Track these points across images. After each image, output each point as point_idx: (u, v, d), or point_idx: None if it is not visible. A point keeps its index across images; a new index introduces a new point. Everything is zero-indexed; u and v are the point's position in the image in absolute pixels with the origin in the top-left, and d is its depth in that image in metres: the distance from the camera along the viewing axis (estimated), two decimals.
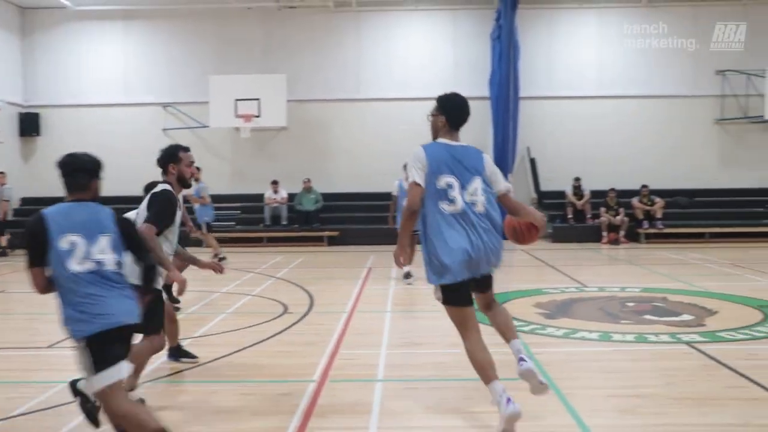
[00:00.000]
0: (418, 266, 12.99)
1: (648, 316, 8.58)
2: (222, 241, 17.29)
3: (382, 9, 21.58)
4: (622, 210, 19.50)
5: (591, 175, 20.93)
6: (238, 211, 20.84)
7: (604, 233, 19.36)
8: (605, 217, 19.45)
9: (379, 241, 18.14)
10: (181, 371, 6.33)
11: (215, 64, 21.44)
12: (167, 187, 5.58)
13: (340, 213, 20.69)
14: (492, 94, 20.61)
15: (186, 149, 5.80)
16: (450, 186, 4.70)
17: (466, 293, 4.77)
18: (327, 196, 20.77)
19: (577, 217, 20.15)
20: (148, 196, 5.52)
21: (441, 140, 4.89)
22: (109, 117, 21.80)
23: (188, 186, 5.78)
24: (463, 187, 4.73)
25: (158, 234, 5.33)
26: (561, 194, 20.69)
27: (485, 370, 4.67)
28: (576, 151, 21.42)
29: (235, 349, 7.10)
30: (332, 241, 19.84)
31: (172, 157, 5.69)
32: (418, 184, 4.69)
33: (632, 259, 15.75)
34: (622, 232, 19.28)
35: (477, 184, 4.78)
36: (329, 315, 8.91)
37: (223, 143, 21.56)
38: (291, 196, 20.62)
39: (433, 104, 5.16)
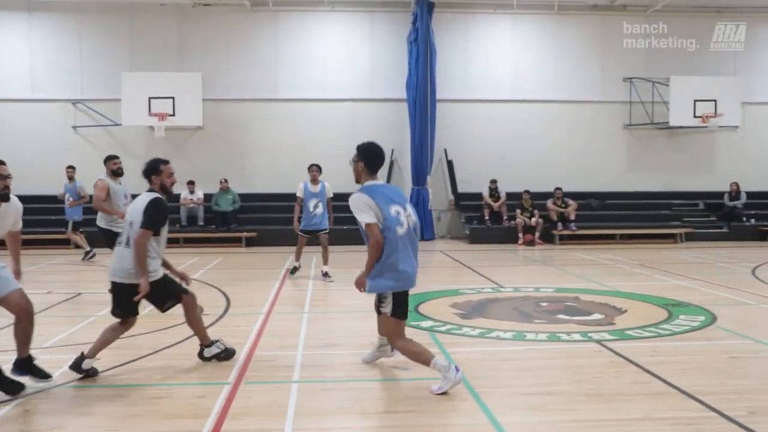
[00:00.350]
0: (333, 266, 13.09)
1: (561, 316, 8.76)
2: None
3: (300, 9, 21.47)
4: (536, 212, 19.88)
5: (507, 177, 21.31)
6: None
7: (520, 234, 19.72)
8: (521, 219, 19.81)
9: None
10: (87, 377, 6.14)
11: (128, 60, 20.96)
12: (156, 195, 6.27)
13: (257, 213, 20.50)
14: (409, 97, 20.75)
15: (166, 162, 6.42)
16: (398, 212, 5.68)
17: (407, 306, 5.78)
18: (244, 197, 20.54)
19: (493, 219, 20.46)
20: (146, 203, 6.17)
21: (368, 183, 5.76)
22: (15, 113, 21.06)
23: (170, 195, 6.44)
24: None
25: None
26: (478, 196, 20.97)
27: (424, 354, 5.63)
28: (492, 154, 21.75)
29: (148, 351, 6.97)
30: (250, 242, 19.65)
31: (153, 170, 6.34)
32: (373, 223, 5.55)
33: (547, 259, 16.06)
34: (537, 234, 19.65)
35: (409, 210, 5.84)
36: (246, 317, 8.82)
37: (136, 142, 21.08)
38: (207, 197, 20.33)
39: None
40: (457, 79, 21.63)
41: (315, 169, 12.49)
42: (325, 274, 12.41)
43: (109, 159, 10.46)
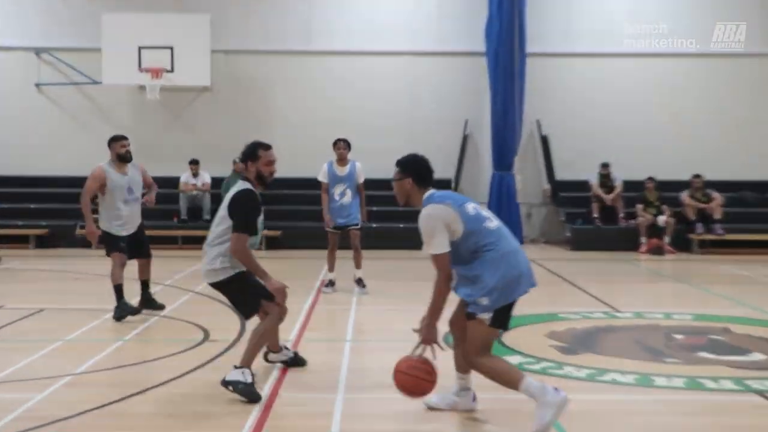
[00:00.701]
0: (378, 278, 12.97)
1: (703, 354, 8.64)
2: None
3: None
4: (666, 208, 19.59)
5: (624, 160, 20.99)
6: (142, 200, 20.60)
7: (643, 239, 19.44)
8: (644, 217, 19.51)
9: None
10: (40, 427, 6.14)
11: None
12: (248, 185, 7.14)
13: (281, 206, 20.51)
14: (489, 50, 20.62)
15: (266, 147, 7.22)
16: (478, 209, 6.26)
17: None
18: None
19: (605, 217, 20.22)
20: (230, 196, 7.15)
21: (427, 194, 6.32)
22: None
23: (267, 185, 7.28)
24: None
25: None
26: (583, 185, 20.78)
27: (514, 372, 6.07)
28: (604, 127, 21.51)
29: (134, 390, 6.99)
30: (271, 244, 19.66)
31: (251, 155, 7.18)
32: (442, 254, 6.02)
33: (681, 274, 15.83)
34: (666, 238, 19.36)
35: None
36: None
37: (121, 106, 21.32)
38: (216, 182, 20.40)
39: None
40: (556, 26, 21.48)
41: (342, 145, 12.59)
42: (359, 282, 12.65)
43: (114, 140, 10.55)
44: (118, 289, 10.32)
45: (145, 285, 10.87)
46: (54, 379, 7.24)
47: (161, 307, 10.84)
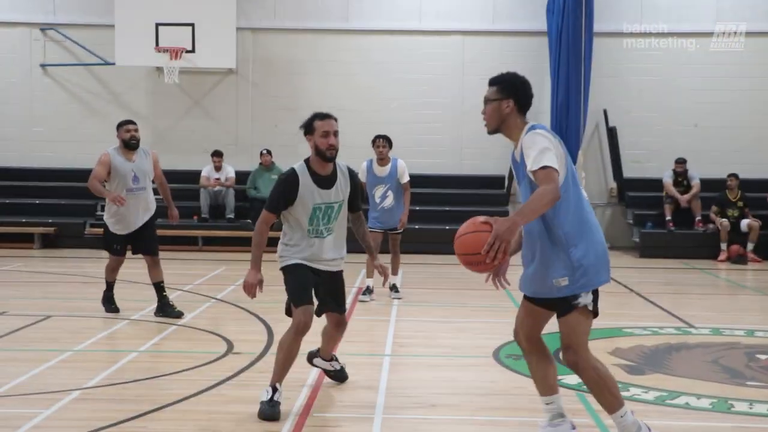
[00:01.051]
0: (419, 286, 12.97)
1: None
2: None
3: None
4: (749, 211, 19.51)
5: (702, 155, 20.92)
6: (158, 196, 20.70)
7: (723, 245, 19.34)
8: (724, 221, 19.38)
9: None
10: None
11: None
12: (297, 166, 7.18)
13: None
14: (551, 28, 20.62)
15: (323, 116, 7.24)
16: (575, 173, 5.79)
17: None
18: None
19: (679, 220, 20.11)
20: None
21: (532, 123, 5.79)
22: None
23: (328, 160, 7.16)
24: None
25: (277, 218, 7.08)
26: (655, 184, 20.70)
27: (617, 390, 5.75)
28: (680, 119, 21.46)
29: (149, 407, 7.01)
30: None
31: (307, 128, 7.22)
32: (556, 170, 5.42)
33: (766, 286, 15.73)
34: (750, 245, 19.25)
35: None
36: (297, 359, 8.83)
37: (136, 91, 21.52)
38: (241, 176, 20.57)
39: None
40: (628, 0, 21.41)
41: (381, 143, 12.74)
42: (393, 288, 12.80)
43: (121, 125, 11.07)
44: (108, 284, 11.24)
45: (158, 288, 11.09)
46: (62, 393, 7.26)
47: (180, 314, 10.99)
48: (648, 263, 18.73)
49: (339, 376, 7.93)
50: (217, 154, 20.47)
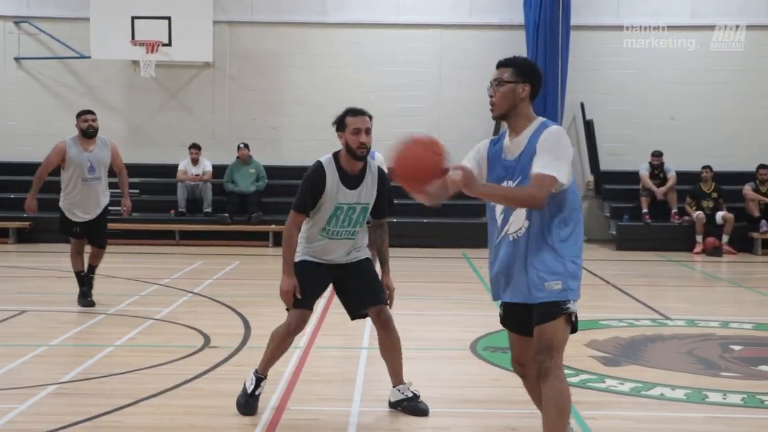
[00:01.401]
0: (395, 278, 12.97)
1: (764, 368, 8.61)
2: (112, 236, 17.12)
3: None
4: (724, 203, 19.58)
5: (678, 148, 20.97)
6: (136, 191, 20.63)
7: (698, 237, 19.41)
8: (699, 213, 19.44)
9: None
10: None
11: None
12: (323, 159, 6.94)
13: (292, 197, 20.49)
14: (528, 22, 20.68)
15: (357, 112, 6.87)
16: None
17: None
18: (273, 172, 20.68)
19: (655, 212, 20.17)
20: None
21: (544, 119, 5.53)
22: None
23: (358, 158, 6.82)
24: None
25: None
26: (632, 176, 20.77)
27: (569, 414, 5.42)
28: (656, 112, 21.53)
29: (125, 401, 7.00)
30: (280, 240, 19.69)
31: (338, 124, 6.87)
32: (561, 183, 5.21)
33: (741, 278, 15.79)
34: (725, 237, 19.32)
35: None
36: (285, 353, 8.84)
37: (112, 84, 21.43)
38: (218, 170, 20.52)
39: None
40: None
41: None
42: None
43: (79, 115, 11.24)
44: (78, 277, 11.24)
45: (90, 270, 11.41)
46: (37, 388, 7.24)
47: (91, 303, 11.20)
48: (624, 255, 18.79)
49: (416, 408, 6.88)
50: (195, 147, 20.35)
